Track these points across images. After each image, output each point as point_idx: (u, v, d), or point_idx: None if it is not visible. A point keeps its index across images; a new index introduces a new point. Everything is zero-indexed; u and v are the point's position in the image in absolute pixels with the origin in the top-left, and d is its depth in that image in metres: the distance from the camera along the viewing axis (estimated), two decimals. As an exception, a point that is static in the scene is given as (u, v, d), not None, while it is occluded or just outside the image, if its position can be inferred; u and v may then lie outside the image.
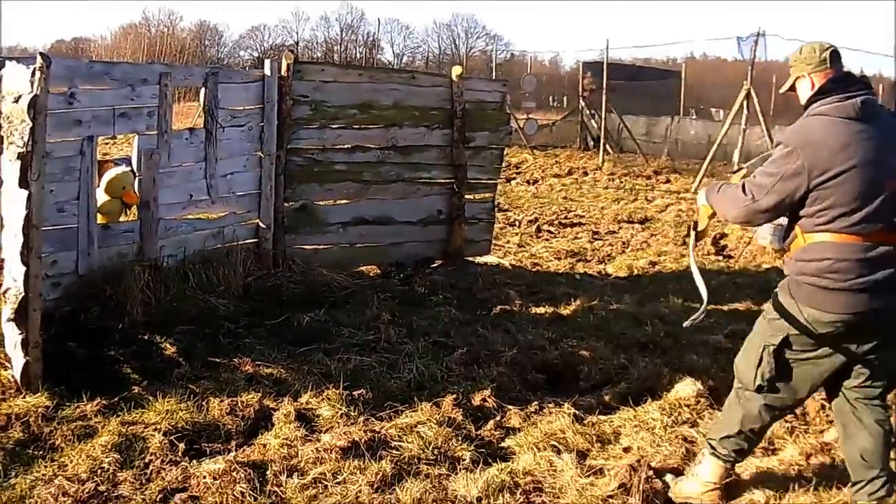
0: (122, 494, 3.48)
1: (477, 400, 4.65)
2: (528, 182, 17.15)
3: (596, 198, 15.19)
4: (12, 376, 4.45)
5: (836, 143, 3.13)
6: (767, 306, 3.52)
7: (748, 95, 15.44)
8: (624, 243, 10.52)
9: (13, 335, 4.39)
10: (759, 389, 3.46)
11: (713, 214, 3.68)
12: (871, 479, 3.39)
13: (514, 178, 17.66)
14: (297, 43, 57.53)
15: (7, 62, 4.69)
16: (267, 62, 6.87)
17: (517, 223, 11.70)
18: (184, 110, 24.07)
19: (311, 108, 7.10)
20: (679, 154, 21.01)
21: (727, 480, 3.66)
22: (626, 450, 4.16)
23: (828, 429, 4.40)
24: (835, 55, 3.33)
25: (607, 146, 20.82)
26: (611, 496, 3.63)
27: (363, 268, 7.66)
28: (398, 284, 7.22)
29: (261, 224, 6.87)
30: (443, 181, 7.94)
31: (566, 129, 25.53)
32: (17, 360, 4.38)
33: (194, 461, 3.75)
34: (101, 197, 6.03)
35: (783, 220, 10.86)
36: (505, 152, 21.05)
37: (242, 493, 3.44)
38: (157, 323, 5.52)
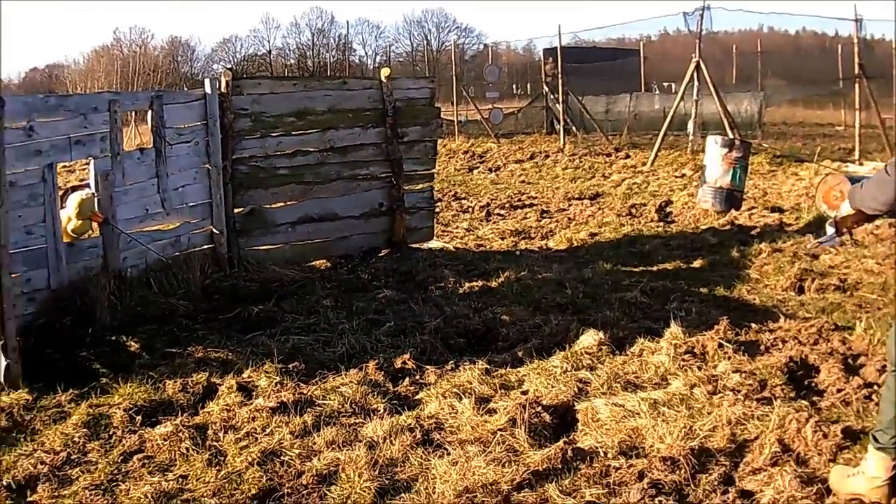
0: (90, 459, 4.17)
1: (398, 363, 5.28)
2: (489, 170, 17.55)
3: (553, 179, 15.69)
4: (-3, 380, 5.11)
5: None
6: None
7: (697, 67, 16.07)
8: (570, 219, 10.96)
9: (-6, 344, 5.07)
10: None
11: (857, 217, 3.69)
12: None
13: (477, 167, 18.03)
14: (269, 52, 57.78)
15: None
16: (206, 81, 7.48)
17: (470, 209, 12.15)
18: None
19: (252, 119, 7.71)
20: (641, 128, 21.53)
21: (894, 474, 3.46)
22: (525, 393, 4.70)
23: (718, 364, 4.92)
24: None
25: (573, 128, 21.39)
26: (501, 429, 4.19)
27: (314, 262, 8.24)
28: (345, 274, 7.79)
29: (214, 230, 7.47)
30: (381, 176, 8.53)
31: (533, 115, 25.84)
32: (0, 364, 5.06)
33: (149, 429, 4.44)
34: (74, 220, 6.51)
35: (723, 183, 11.50)
36: (470, 143, 21.82)
37: (188, 449, 4.14)
38: (123, 325, 6.15)
